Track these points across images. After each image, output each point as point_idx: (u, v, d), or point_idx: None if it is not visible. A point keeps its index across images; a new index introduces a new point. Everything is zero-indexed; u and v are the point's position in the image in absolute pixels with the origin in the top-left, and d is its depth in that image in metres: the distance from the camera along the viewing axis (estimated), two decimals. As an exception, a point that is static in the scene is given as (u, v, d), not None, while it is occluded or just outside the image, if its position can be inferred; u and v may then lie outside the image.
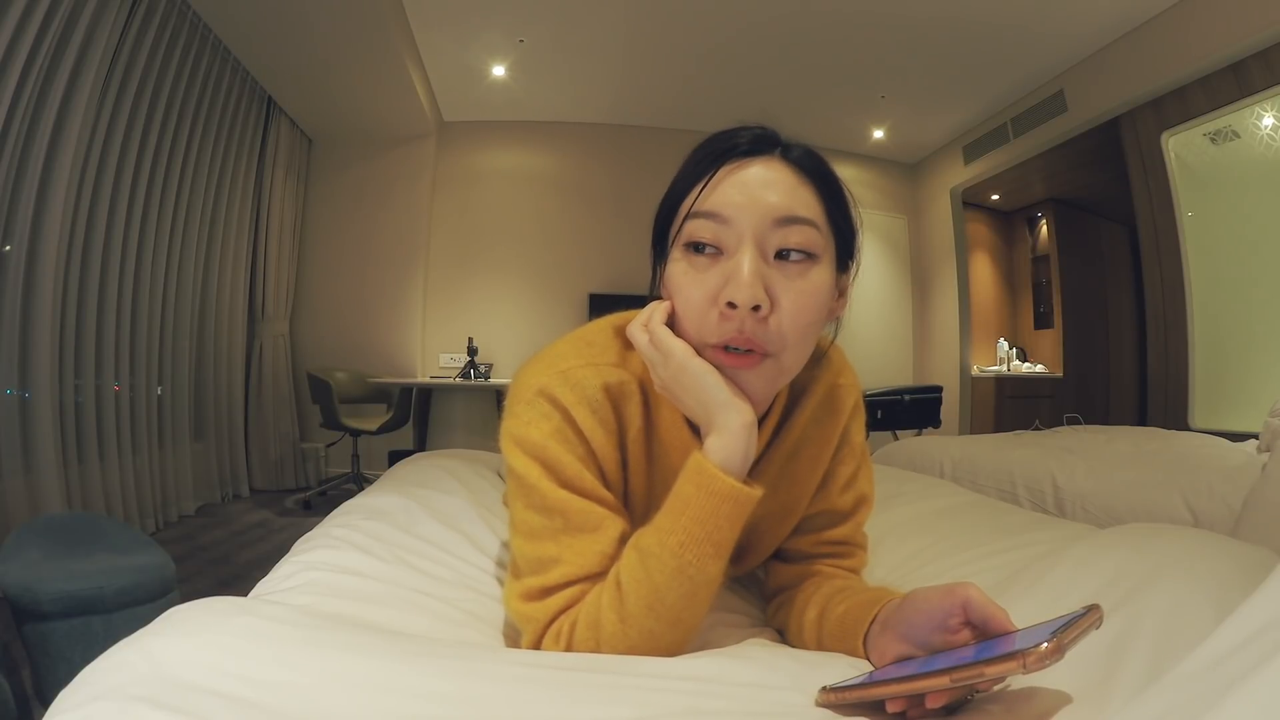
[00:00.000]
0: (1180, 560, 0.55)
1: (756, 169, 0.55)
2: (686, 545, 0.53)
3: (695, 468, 0.54)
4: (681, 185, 0.58)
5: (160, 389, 3.02)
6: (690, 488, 0.54)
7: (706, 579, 0.54)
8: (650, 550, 0.54)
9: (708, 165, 0.56)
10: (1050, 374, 5.26)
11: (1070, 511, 1.54)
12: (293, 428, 4.01)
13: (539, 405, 0.59)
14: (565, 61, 3.84)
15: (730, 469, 0.54)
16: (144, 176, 2.73)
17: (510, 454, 0.59)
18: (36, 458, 2.20)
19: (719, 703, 0.45)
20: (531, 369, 0.62)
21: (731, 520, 0.54)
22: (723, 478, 0.53)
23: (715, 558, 0.54)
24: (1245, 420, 2.79)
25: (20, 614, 1.14)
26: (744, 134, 0.57)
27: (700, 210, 0.55)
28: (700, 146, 0.59)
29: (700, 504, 0.53)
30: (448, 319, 4.46)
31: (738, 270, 0.53)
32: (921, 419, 3.70)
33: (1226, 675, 0.28)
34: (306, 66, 3.40)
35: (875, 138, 4.80)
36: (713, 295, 0.54)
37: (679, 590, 0.53)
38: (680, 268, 0.56)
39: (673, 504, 0.55)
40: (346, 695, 0.40)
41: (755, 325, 0.53)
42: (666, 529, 0.54)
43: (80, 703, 0.37)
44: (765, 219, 0.54)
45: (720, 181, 0.55)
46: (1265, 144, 2.92)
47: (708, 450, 0.55)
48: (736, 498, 0.54)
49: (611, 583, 0.55)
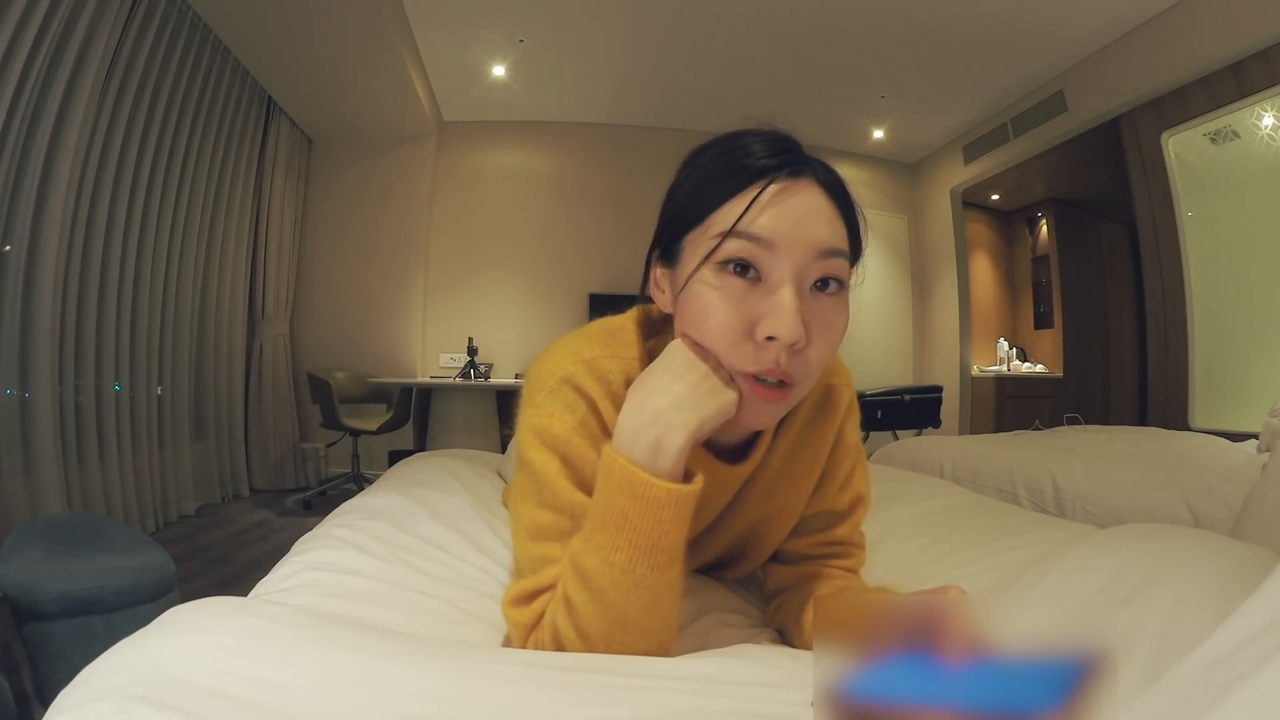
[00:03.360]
0: (1180, 560, 0.55)
1: (801, 197, 0.53)
2: (635, 560, 0.50)
3: (623, 475, 0.50)
4: (708, 194, 0.54)
5: (160, 389, 3.02)
6: (624, 500, 0.50)
7: (667, 584, 0.52)
8: (595, 570, 0.51)
9: (746, 180, 0.53)
10: (1050, 374, 5.26)
11: (1070, 511, 1.54)
12: (293, 428, 4.01)
13: (563, 395, 0.57)
14: (565, 61, 3.84)
15: (658, 466, 0.51)
16: (144, 176, 2.73)
17: (528, 446, 0.57)
18: (36, 458, 2.20)
19: (719, 702, 0.45)
20: (552, 357, 0.60)
21: (678, 523, 0.51)
22: (657, 484, 0.50)
23: (670, 564, 0.51)
24: (1245, 420, 2.79)
25: (20, 614, 1.14)
26: (772, 144, 0.55)
27: (745, 232, 0.51)
28: (727, 150, 0.55)
29: (640, 515, 0.50)
30: (448, 319, 4.46)
31: (781, 304, 0.51)
32: (921, 419, 3.70)
33: (1226, 675, 0.28)
34: (306, 66, 3.40)
35: (875, 138, 4.80)
36: (749, 324, 0.52)
37: (639, 603, 0.51)
38: (712, 287, 0.53)
39: (607, 516, 0.51)
40: (346, 695, 0.40)
41: (790, 358, 0.52)
42: (609, 545, 0.50)
43: (80, 703, 0.37)
44: (810, 251, 0.52)
45: (766, 205, 0.52)
46: (1265, 144, 2.92)
47: (623, 440, 0.52)
48: (677, 500, 0.51)
49: (560, 602, 0.53)
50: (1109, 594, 0.52)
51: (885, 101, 4.28)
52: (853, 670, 0.33)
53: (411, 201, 4.33)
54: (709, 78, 3.97)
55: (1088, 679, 0.33)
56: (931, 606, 0.34)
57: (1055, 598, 0.57)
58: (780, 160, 0.53)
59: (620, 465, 0.51)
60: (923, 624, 0.33)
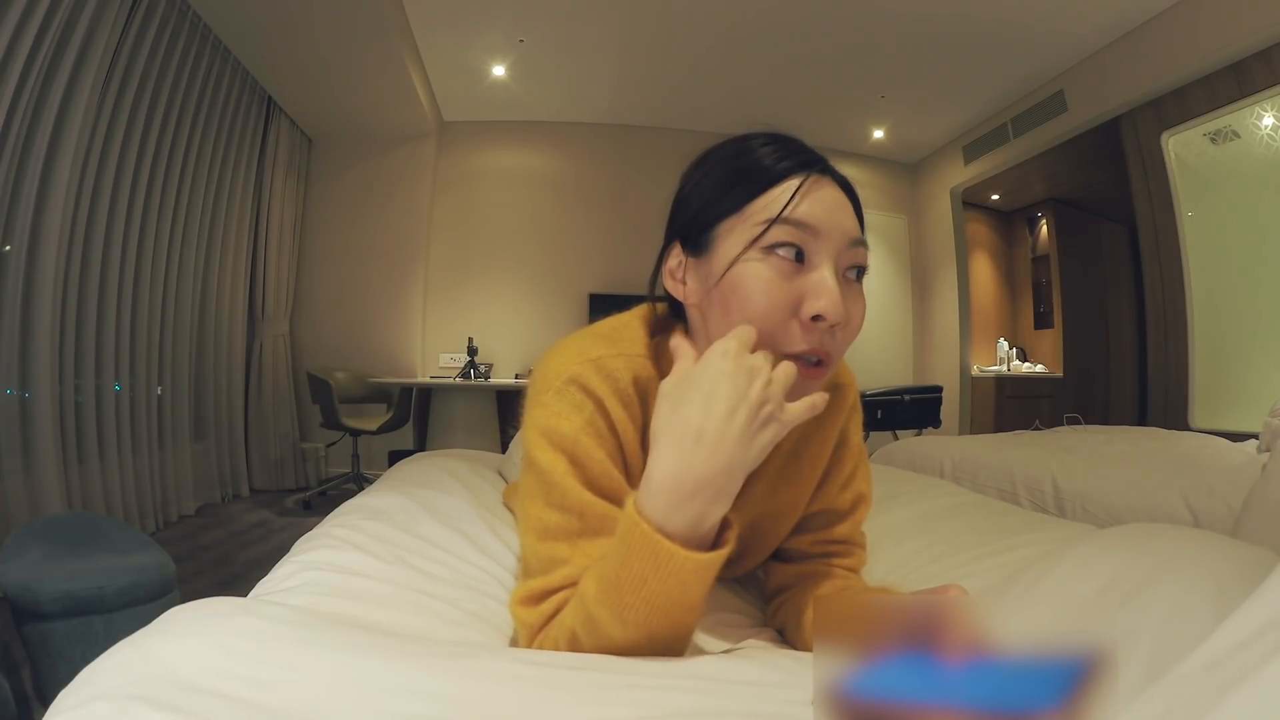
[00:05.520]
0: (1180, 560, 0.55)
1: (831, 190, 0.57)
2: (651, 618, 0.48)
3: (646, 544, 0.46)
4: (746, 185, 0.56)
5: (160, 389, 3.02)
6: (644, 565, 0.47)
7: (685, 628, 0.52)
8: (607, 623, 0.49)
9: (787, 172, 0.55)
10: (1050, 374, 5.26)
11: (1070, 511, 1.54)
12: (293, 428, 4.01)
13: (571, 394, 0.58)
14: (565, 61, 3.84)
15: (693, 539, 0.47)
16: (144, 176, 2.73)
17: (536, 447, 0.57)
18: (36, 458, 2.20)
19: (720, 702, 0.45)
20: (558, 357, 0.61)
21: (704, 582, 0.49)
22: (686, 555, 0.46)
23: (689, 613, 0.51)
24: (1245, 420, 2.79)
25: (20, 614, 1.14)
26: (798, 144, 0.58)
27: (792, 218, 0.54)
28: (760, 146, 0.57)
29: (662, 581, 0.47)
30: (448, 319, 4.46)
31: (825, 285, 0.53)
32: (921, 419, 3.70)
33: (1226, 675, 0.28)
34: (306, 66, 3.40)
35: (875, 138, 4.80)
36: (793, 305, 0.54)
37: (652, 647, 0.51)
38: (760, 270, 0.54)
39: (623, 577, 0.48)
40: (346, 695, 0.40)
41: (828, 338, 0.55)
42: (623, 604, 0.48)
43: (80, 703, 0.37)
44: (845, 239, 0.56)
45: (807, 194, 0.55)
46: (1265, 144, 2.92)
47: (656, 507, 0.47)
48: (707, 566, 0.48)
49: (565, 633, 0.52)
50: (1109, 594, 0.52)
51: (885, 101, 4.27)
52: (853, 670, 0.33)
53: (411, 201, 4.33)
54: (709, 78, 3.97)
55: (1087, 679, 0.32)
56: (931, 606, 0.34)
57: (1055, 598, 0.57)
58: (813, 157, 0.57)
59: (645, 534, 0.46)
60: (923, 624, 0.33)
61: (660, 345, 0.64)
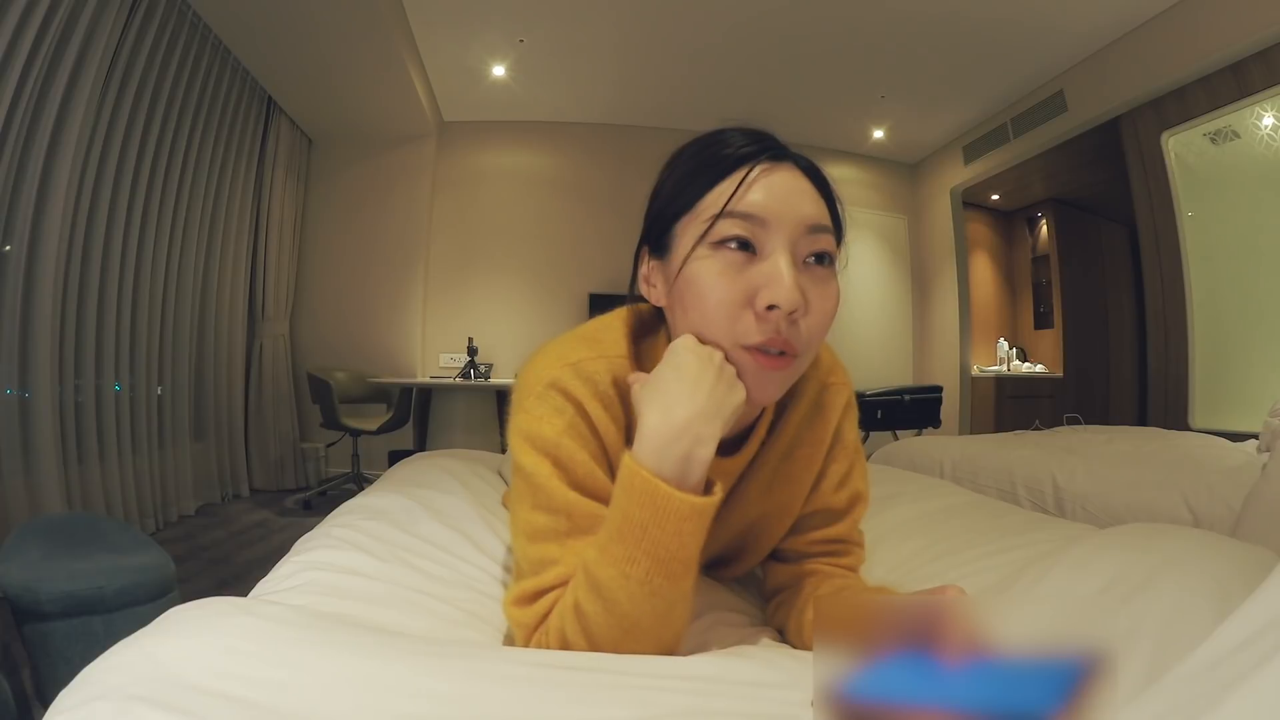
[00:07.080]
0: (1180, 560, 0.55)
1: (784, 175, 0.56)
2: (653, 572, 0.50)
3: (645, 489, 0.50)
4: (695, 183, 0.57)
5: (160, 389, 3.02)
6: (644, 512, 0.50)
7: (681, 595, 0.53)
8: (611, 582, 0.51)
9: (732, 165, 0.55)
10: (1050, 374, 5.26)
11: (1070, 511, 1.54)
12: (293, 428, 4.01)
13: (551, 399, 0.58)
14: (565, 61, 3.84)
15: (686, 481, 0.51)
16: (144, 176, 2.73)
17: (520, 451, 0.58)
18: (36, 458, 2.20)
19: (719, 702, 0.45)
20: (540, 362, 0.61)
21: (697, 535, 0.52)
22: (681, 497, 0.50)
23: (686, 574, 0.52)
24: (1245, 420, 2.79)
25: (20, 614, 1.14)
26: (750, 134, 0.57)
27: (736, 211, 0.54)
28: (709, 144, 0.58)
29: (660, 528, 0.50)
30: (448, 319, 4.46)
31: (777, 273, 0.53)
32: (921, 419, 3.70)
33: (1226, 675, 0.28)
34: (306, 66, 3.40)
35: (875, 138, 4.80)
36: (747, 296, 0.54)
37: (653, 613, 0.52)
38: (710, 266, 0.54)
39: (624, 528, 0.51)
40: (346, 695, 0.40)
41: (789, 328, 0.54)
42: (626, 557, 0.50)
43: (80, 703, 0.37)
44: (800, 225, 0.55)
45: (753, 184, 0.54)
46: (1265, 144, 2.91)
47: (649, 454, 0.51)
48: (700, 512, 0.51)
49: (570, 610, 0.53)
50: (1109, 594, 0.52)
51: (885, 101, 4.27)
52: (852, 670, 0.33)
53: (411, 201, 4.33)
54: (709, 78, 3.96)
55: (1088, 679, 0.32)
56: (931, 606, 0.34)
57: (1055, 598, 0.57)
58: (761, 146, 0.57)
59: (643, 479, 0.50)
60: (922, 624, 0.33)
61: (644, 346, 0.64)
